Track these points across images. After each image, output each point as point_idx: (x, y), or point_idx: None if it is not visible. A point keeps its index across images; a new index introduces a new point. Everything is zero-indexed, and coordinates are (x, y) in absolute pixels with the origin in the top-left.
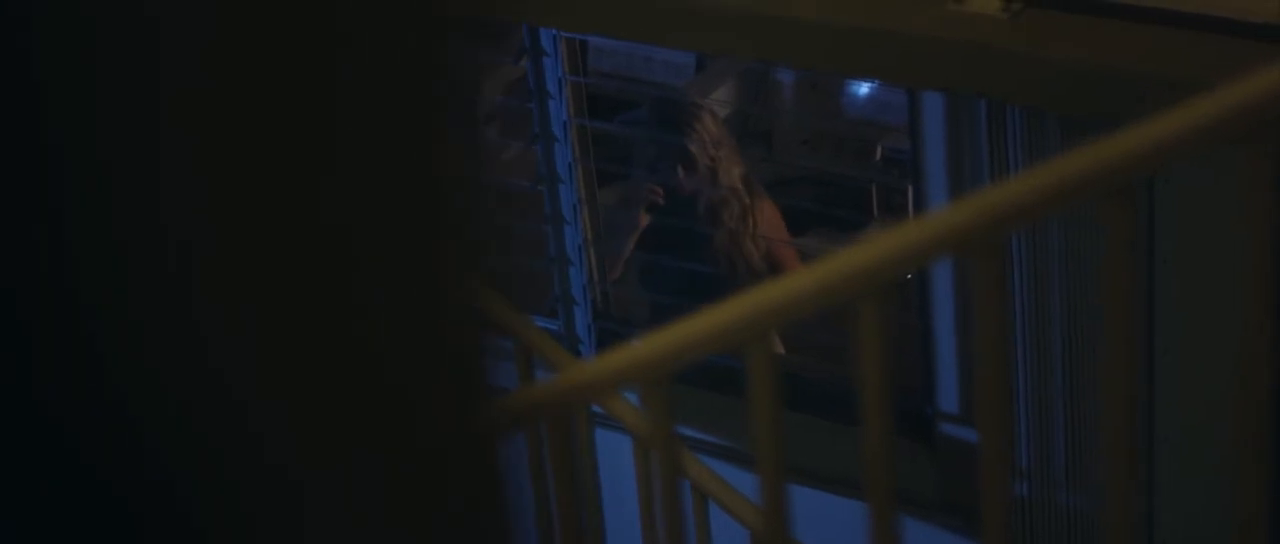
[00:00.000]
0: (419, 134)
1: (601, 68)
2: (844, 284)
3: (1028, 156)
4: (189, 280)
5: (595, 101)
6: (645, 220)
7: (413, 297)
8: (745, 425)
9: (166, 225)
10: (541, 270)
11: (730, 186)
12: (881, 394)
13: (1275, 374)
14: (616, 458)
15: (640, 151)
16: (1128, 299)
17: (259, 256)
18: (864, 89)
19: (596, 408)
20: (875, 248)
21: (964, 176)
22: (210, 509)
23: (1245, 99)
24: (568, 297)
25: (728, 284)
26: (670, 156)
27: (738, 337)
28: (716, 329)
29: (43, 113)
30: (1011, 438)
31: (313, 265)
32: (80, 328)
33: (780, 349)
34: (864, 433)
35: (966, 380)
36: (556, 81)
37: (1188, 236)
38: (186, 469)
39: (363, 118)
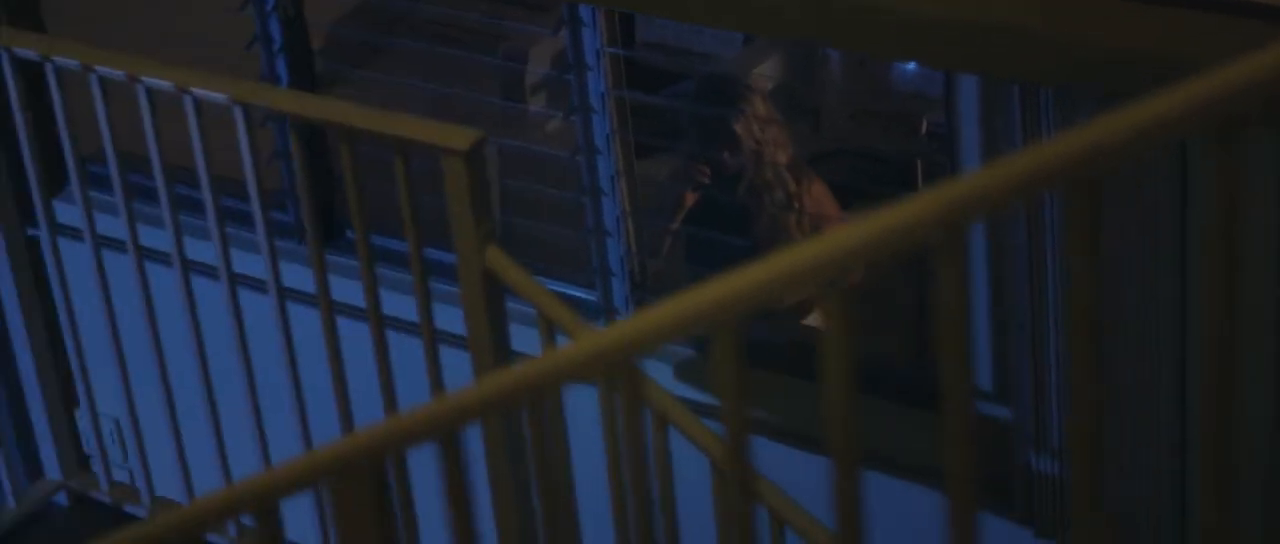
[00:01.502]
0: None
1: (649, 37)
2: (805, 277)
3: (1059, 113)
4: None
5: (645, 71)
6: (691, 199)
7: None
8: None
9: None
10: (582, 241)
11: (776, 169)
12: (846, 391)
13: None
14: None
15: (688, 126)
16: (1090, 289)
17: None
18: (912, 63)
19: None
20: (832, 241)
21: (999, 152)
22: None
23: (1197, 94)
24: (605, 268)
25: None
26: (717, 133)
27: (701, 325)
28: (681, 318)
29: None
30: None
31: None
32: None
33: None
34: (828, 420)
35: (998, 357)
36: (595, 53)
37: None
38: None
39: None
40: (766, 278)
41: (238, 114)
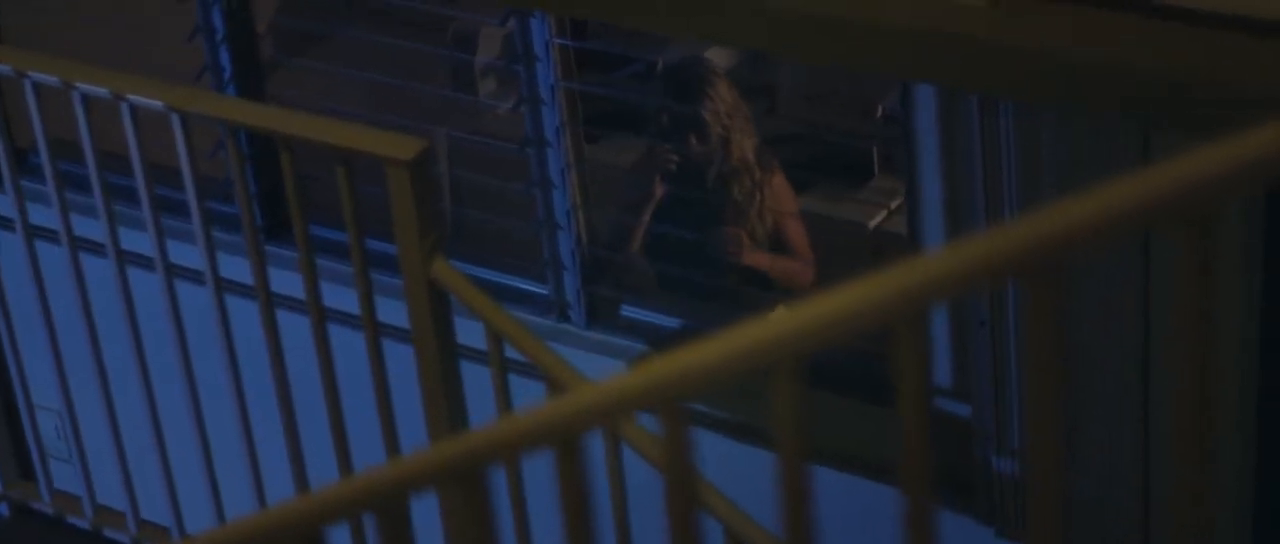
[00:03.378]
0: None
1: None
2: (760, 355)
3: (1018, 115)
4: None
5: (597, 53)
6: (661, 190)
7: None
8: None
9: None
10: (532, 233)
11: (742, 159)
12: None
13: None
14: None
15: (653, 114)
16: (1053, 367)
17: None
18: None
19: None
20: (787, 322)
21: (955, 138)
22: None
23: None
24: (557, 261)
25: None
26: (685, 120)
27: (641, 405)
28: (622, 398)
29: None
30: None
31: None
32: None
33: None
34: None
35: (959, 354)
36: (544, 44)
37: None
38: None
39: None
40: (715, 357)
41: (175, 122)
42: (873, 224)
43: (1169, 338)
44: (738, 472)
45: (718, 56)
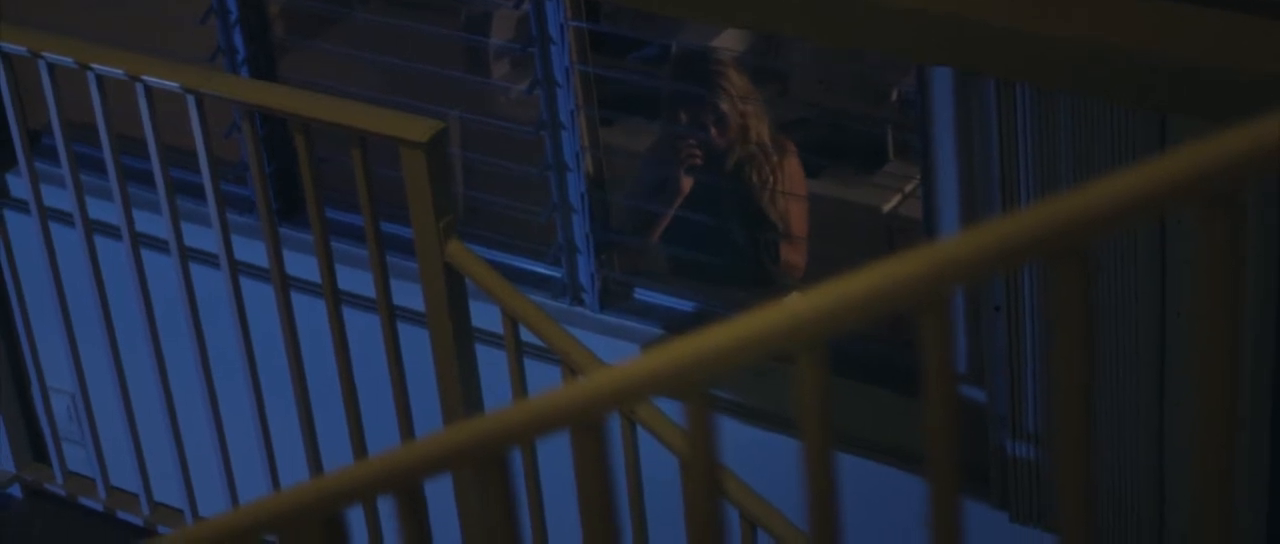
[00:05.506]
0: None
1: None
2: (780, 338)
3: (1036, 100)
4: None
5: (610, 36)
6: (688, 184)
7: None
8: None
9: None
10: (547, 217)
11: (759, 142)
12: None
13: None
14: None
15: (672, 107)
16: (1082, 353)
17: None
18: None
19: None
20: (807, 304)
21: (972, 123)
22: None
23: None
24: (571, 245)
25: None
26: (705, 112)
27: (661, 390)
28: (641, 382)
29: None
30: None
31: None
32: None
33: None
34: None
35: (973, 339)
36: (558, 26)
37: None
38: None
39: None
40: (738, 339)
41: (190, 103)
42: (887, 209)
43: (1191, 323)
44: (754, 457)
45: (730, 40)
